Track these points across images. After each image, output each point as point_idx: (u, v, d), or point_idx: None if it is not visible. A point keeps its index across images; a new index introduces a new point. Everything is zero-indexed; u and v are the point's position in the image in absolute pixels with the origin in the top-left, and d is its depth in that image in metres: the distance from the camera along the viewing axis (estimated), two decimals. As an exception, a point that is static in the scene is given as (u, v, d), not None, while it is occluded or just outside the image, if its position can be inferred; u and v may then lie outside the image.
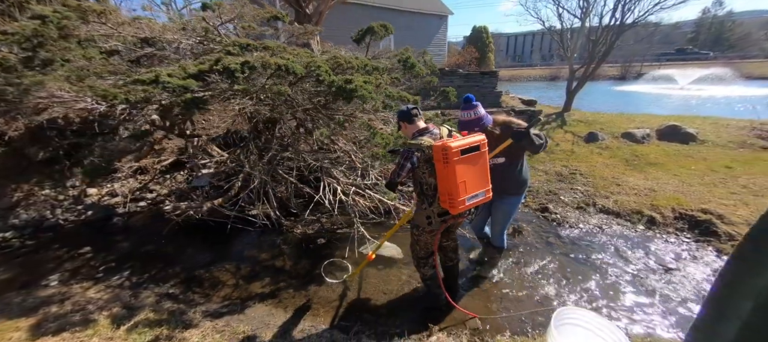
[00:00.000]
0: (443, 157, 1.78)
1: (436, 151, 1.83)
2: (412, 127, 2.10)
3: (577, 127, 7.73)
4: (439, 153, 1.80)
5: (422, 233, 2.13)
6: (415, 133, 2.07)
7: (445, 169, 1.80)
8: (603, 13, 8.94)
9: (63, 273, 3.02)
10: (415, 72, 3.30)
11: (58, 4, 2.70)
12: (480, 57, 13.07)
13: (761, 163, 5.00)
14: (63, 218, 4.05)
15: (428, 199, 2.01)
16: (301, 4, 7.63)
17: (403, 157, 1.94)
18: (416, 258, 2.29)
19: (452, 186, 1.79)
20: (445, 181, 1.84)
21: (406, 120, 2.11)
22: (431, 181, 1.95)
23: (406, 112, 2.11)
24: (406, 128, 2.13)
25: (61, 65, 2.81)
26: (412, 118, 2.09)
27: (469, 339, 2.03)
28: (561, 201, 4.07)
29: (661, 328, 2.22)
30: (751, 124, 7.30)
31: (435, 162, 1.86)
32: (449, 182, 1.80)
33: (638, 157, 5.47)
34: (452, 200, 1.82)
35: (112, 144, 4.09)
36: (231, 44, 2.80)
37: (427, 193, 2.01)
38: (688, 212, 3.56)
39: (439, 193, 1.93)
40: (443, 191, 1.88)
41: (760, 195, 3.88)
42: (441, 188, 1.89)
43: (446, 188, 1.84)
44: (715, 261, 2.95)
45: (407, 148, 1.95)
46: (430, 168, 1.92)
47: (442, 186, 1.87)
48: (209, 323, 2.25)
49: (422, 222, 2.09)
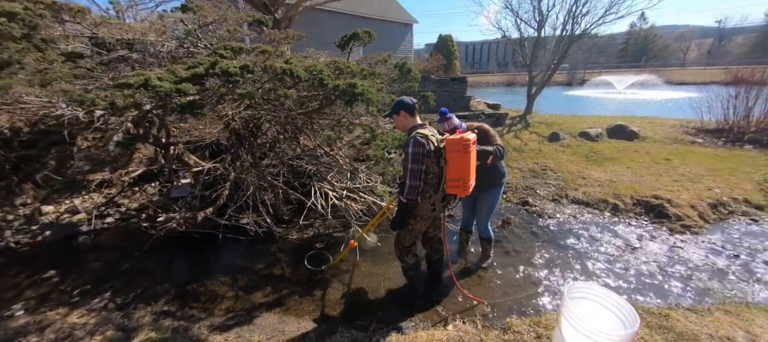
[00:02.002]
0: (464, 147, 1.97)
1: (455, 143, 2.00)
2: (412, 119, 2.13)
3: (539, 128, 8.41)
4: (458, 144, 1.98)
5: (418, 222, 2.21)
6: (417, 125, 2.11)
7: (463, 158, 1.99)
8: (556, 26, 9.81)
9: (27, 301, 2.68)
10: (411, 76, 3.43)
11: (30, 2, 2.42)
12: (446, 64, 13.67)
13: (693, 155, 5.84)
14: (14, 241, 3.57)
15: (433, 187, 2.10)
16: (270, 9, 7.49)
17: (417, 145, 1.95)
18: (401, 248, 2.35)
19: (467, 172, 2.03)
20: (460, 169, 2.02)
21: (408, 111, 2.12)
22: (436, 170, 2.07)
23: (410, 104, 2.11)
24: (406, 119, 2.14)
25: (20, 68, 2.53)
26: (414, 111, 2.13)
27: (483, 324, 2.17)
28: (538, 195, 4.44)
29: (640, 296, 2.55)
30: (679, 122, 8.48)
31: (450, 152, 2.03)
32: (464, 169, 2.02)
33: (596, 153, 6.11)
34: (466, 183, 2.05)
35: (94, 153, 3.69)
36: (222, 47, 2.71)
37: (432, 182, 2.09)
38: (644, 199, 4.08)
39: (447, 180, 2.09)
40: (456, 178, 2.04)
41: (696, 181, 4.55)
42: (453, 175, 2.05)
43: (460, 175, 2.04)
44: (669, 239, 3.42)
45: (417, 137, 1.97)
46: (435, 158, 2.05)
47: (455, 173, 2.04)
48: (219, 337, 2.15)
49: (426, 210, 2.16)
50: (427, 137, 2.00)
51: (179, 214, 2.99)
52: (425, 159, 1.97)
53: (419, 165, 1.97)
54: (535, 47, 10.45)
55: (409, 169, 1.98)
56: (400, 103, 2.14)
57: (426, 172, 2.02)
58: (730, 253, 3.12)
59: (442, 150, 2.09)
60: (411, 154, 1.97)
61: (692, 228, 3.55)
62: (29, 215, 3.87)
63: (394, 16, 19.30)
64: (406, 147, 2.01)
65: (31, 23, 2.30)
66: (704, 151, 6.16)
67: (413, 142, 1.97)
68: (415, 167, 1.97)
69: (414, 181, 1.98)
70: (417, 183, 1.99)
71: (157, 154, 4.74)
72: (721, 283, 2.71)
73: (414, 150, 1.96)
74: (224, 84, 2.38)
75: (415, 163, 1.97)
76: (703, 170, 4.99)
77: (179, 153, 4.24)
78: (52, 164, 4.25)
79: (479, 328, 2.11)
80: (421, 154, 1.96)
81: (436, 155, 2.05)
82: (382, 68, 3.62)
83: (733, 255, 3.09)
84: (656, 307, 2.35)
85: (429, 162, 2.02)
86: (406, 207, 2.06)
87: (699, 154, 5.91)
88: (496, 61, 54.18)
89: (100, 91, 2.52)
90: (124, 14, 4.67)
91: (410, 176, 1.98)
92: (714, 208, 3.91)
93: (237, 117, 2.68)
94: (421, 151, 1.96)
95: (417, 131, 2.04)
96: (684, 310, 2.32)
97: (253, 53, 2.78)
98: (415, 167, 1.97)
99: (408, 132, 2.13)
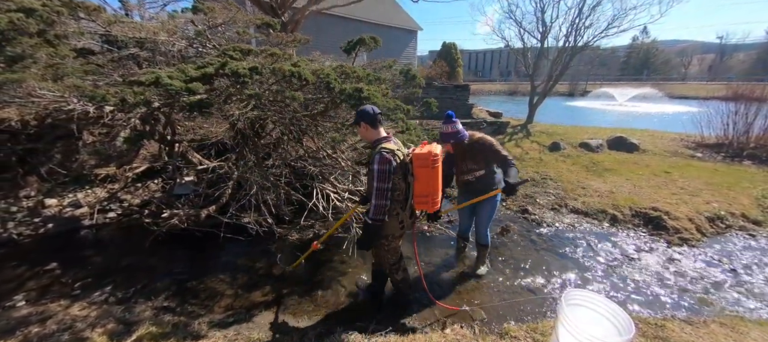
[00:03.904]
0: (432, 162, 1.85)
1: (422, 158, 1.87)
2: (375, 131, 1.98)
3: (540, 137, 8.46)
4: (425, 159, 1.85)
5: (392, 241, 2.12)
6: (380, 139, 1.97)
7: (431, 174, 1.88)
8: (559, 37, 9.93)
9: (29, 292, 2.70)
10: (416, 82, 3.48)
11: None
12: (450, 71, 13.79)
13: (692, 169, 5.88)
14: (17, 232, 3.60)
15: (400, 204, 1.99)
16: (278, 12, 7.60)
17: (383, 162, 1.82)
18: (388, 266, 2.27)
19: (435, 187, 1.94)
20: (427, 184, 1.91)
21: (370, 122, 1.95)
22: (403, 186, 1.96)
23: (371, 114, 1.94)
24: (368, 131, 1.99)
25: (33, 62, 2.58)
26: (377, 123, 1.97)
27: (480, 328, 2.19)
28: (537, 203, 4.47)
29: (636, 306, 2.57)
30: (679, 136, 8.54)
31: (418, 168, 1.89)
32: (432, 184, 1.92)
33: (596, 164, 6.15)
34: (434, 199, 1.95)
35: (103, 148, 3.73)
36: (231, 49, 2.77)
37: (399, 198, 1.98)
38: (642, 210, 4.11)
39: (414, 195, 1.96)
40: (424, 193, 1.92)
41: (695, 195, 4.59)
42: (421, 190, 1.93)
43: (428, 190, 1.92)
44: (666, 250, 3.44)
45: (383, 153, 1.84)
46: (402, 173, 1.93)
47: (423, 189, 1.92)
48: (219, 333, 2.17)
49: (395, 228, 2.06)
50: (393, 152, 1.87)
51: (182, 211, 3.02)
52: (392, 176, 1.85)
53: (385, 183, 1.84)
54: (537, 57, 10.56)
55: (375, 188, 1.84)
56: (361, 114, 1.98)
57: (392, 189, 1.91)
58: (727, 267, 3.14)
59: (409, 164, 1.96)
60: (376, 172, 1.82)
61: (690, 241, 3.57)
62: (32, 207, 3.91)
63: (399, 23, 19.51)
64: (371, 163, 1.87)
65: (48, 20, 2.36)
66: (703, 166, 6.20)
67: (378, 159, 1.83)
68: (380, 185, 1.84)
69: (380, 200, 1.85)
70: (383, 202, 1.86)
71: (161, 151, 4.80)
72: (717, 296, 2.73)
73: (379, 167, 1.82)
74: (233, 84, 2.43)
75: (380, 181, 1.83)
76: (701, 184, 5.03)
77: (183, 151, 4.29)
78: (58, 158, 4.30)
79: (476, 333, 2.13)
80: (388, 171, 1.83)
81: (402, 170, 1.93)
82: (387, 74, 3.67)
83: (729, 269, 3.12)
84: (652, 317, 2.38)
85: (395, 178, 1.90)
86: (372, 228, 1.93)
87: (698, 168, 5.95)
88: (499, 69, 54.54)
89: (110, 87, 2.57)
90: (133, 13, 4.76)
91: (376, 195, 1.85)
92: (712, 221, 3.94)
93: (243, 117, 2.73)
94: (387, 169, 1.82)
95: (382, 146, 1.89)
96: (680, 321, 2.35)
97: (261, 55, 2.83)
98: (380, 185, 1.84)
99: (372, 146, 1.98)
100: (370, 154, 1.96)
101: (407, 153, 2.00)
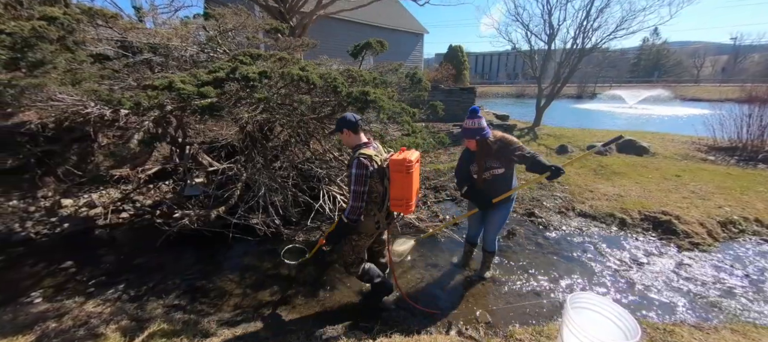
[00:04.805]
0: (406, 168, 1.96)
1: (396, 164, 1.99)
2: (356, 137, 2.09)
3: (547, 140, 8.40)
4: (400, 164, 1.97)
5: (362, 238, 2.21)
6: (360, 144, 2.08)
7: (405, 179, 1.99)
8: (567, 39, 9.85)
9: (46, 289, 2.80)
10: (422, 86, 3.52)
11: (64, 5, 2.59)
12: (456, 74, 13.79)
13: (704, 173, 5.77)
14: (34, 231, 3.73)
15: (377, 205, 2.11)
16: (286, 17, 7.73)
17: (360, 167, 1.94)
18: (346, 263, 2.33)
19: (409, 191, 2.04)
20: (402, 188, 2.02)
21: (352, 129, 2.06)
22: (380, 189, 2.07)
23: (352, 121, 2.05)
24: (350, 137, 2.09)
25: (53, 68, 2.69)
26: (358, 129, 2.08)
27: (485, 331, 2.20)
28: (544, 206, 4.44)
29: (644, 311, 2.54)
30: (691, 139, 8.38)
31: (393, 173, 2.02)
32: (406, 189, 2.03)
33: (604, 168, 6.07)
34: (408, 202, 2.06)
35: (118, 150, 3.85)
36: (241, 53, 2.84)
37: (377, 200, 2.09)
38: (652, 214, 4.05)
39: (390, 199, 2.09)
40: (399, 197, 2.04)
41: (706, 199, 4.50)
42: (396, 194, 2.05)
43: (402, 194, 2.04)
44: (677, 255, 3.39)
45: (361, 158, 1.95)
46: (379, 177, 2.04)
47: (398, 192, 2.03)
48: (228, 331, 2.22)
49: (370, 228, 2.17)
50: (370, 157, 1.99)
51: (193, 212, 3.09)
52: (368, 180, 1.97)
53: (362, 187, 1.96)
54: (545, 60, 10.49)
55: (353, 191, 1.97)
56: (342, 121, 2.08)
57: (370, 191, 2.03)
58: (740, 273, 3.08)
59: (387, 169, 2.07)
60: (354, 176, 1.96)
61: (701, 245, 3.51)
62: (50, 207, 4.04)
63: (406, 26, 19.59)
64: (350, 167, 2.00)
65: (68, 27, 2.46)
66: (716, 169, 6.08)
67: (357, 164, 1.95)
68: (357, 189, 1.96)
69: (356, 202, 1.98)
70: (359, 204, 1.99)
71: (172, 153, 4.91)
72: (729, 302, 2.68)
73: (357, 171, 1.95)
74: (243, 88, 2.49)
75: (358, 185, 1.95)
76: (713, 188, 4.93)
77: (194, 153, 4.39)
78: (74, 159, 4.44)
79: (482, 335, 2.14)
80: (365, 175, 1.95)
81: (379, 175, 2.04)
82: (393, 77, 3.71)
83: (742, 274, 3.06)
84: (661, 323, 2.35)
85: (372, 182, 2.02)
86: (346, 227, 2.06)
87: (710, 172, 5.84)
88: (506, 72, 54.24)
89: (125, 91, 2.66)
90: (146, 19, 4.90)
91: (353, 197, 1.98)
92: (724, 226, 3.86)
93: (252, 120, 2.79)
94: (364, 173, 1.94)
95: (361, 151, 2.01)
96: (689, 327, 2.31)
97: (270, 59, 2.90)
98: (357, 189, 1.96)
99: (352, 151, 2.10)
100: (350, 159, 2.09)
101: (385, 158, 2.12)
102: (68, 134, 4.31)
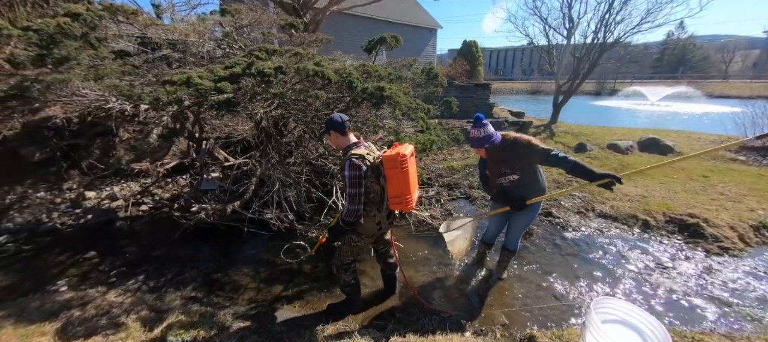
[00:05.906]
0: (400, 163, 1.89)
1: (390, 160, 1.92)
2: (345, 138, 2.03)
3: (565, 138, 8.16)
4: (394, 160, 1.91)
5: (363, 239, 2.15)
6: (351, 145, 2.02)
7: (401, 174, 1.91)
8: (587, 33, 9.50)
9: (71, 278, 2.91)
10: (438, 81, 3.45)
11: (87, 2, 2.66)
12: (470, 69, 13.55)
13: (733, 173, 5.48)
14: (60, 222, 3.88)
15: (376, 205, 2.04)
16: (300, 13, 7.75)
17: (353, 168, 1.88)
18: (339, 265, 2.25)
19: (406, 187, 1.96)
20: (399, 184, 1.95)
21: (339, 131, 2.00)
22: (377, 188, 2.01)
23: (340, 123, 1.99)
24: (338, 139, 2.04)
25: (77, 64, 2.77)
26: (346, 130, 2.02)
27: (501, 333, 2.14)
28: (562, 206, 4.31)
29: (669, 318, 2.43)
30: (719, 138, 7.98)
31: (388, 169, 1.95)
32: (403, 185, 1.95)
33: (625, 167, 5.85)
34: (407, 199, 1.98)
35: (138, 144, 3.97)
36: (257, 49, 2.85)
37: (375, 200, 2.03)
38: (678, 216, 3.87)
39: (388, 197, 2.02)
40: (397, 194, 1.97)
41: (736, 201, 4.27)
42: (394, 191, 1.98)
43: (400, 191, 1.96)
44: (705, 260, 3.23)
45: (353, 159, 1.89)
46: (375, 176, 1.98)
47: (396, 190, 1.96)
48: (243, 324, 2.24)
49: (372, 229, 2.12)
50: (362, 157, 1.92)
51: (210, 206, 3.14)
52: (363, 181, 1.91)
53: (357, 188, 1.90)
54: (563, 55, 10.17)
55: (348, 194, 1.92)
56: (330, 123, 2.03)
57: (367, 191, 1.98)
58: (775, 280, 2.91)
59: (381, 167, 2.00)
60: (348, 178, 1.89)
61: (731, 250, 3.33)
62: (74, 199, 4.19)
63: (419, 21, 19.38)
64: (343, 170, 1.94)
65: (91, 24, 2.52)
66: (746, 170, 5.76)
67: (349, 165, 1.89)
68: (353, 191, 1.90)
69: (352, 205, 1.93)
70: (356, 207, 1.93)
71: (189, 148, 5.01)
72: (763, 312, 2.53)
73: (350, 173, 1.88)
74: (258, 84, 2.49)
75: (352, 187, 1.90)
76: (744, 190, 4.68)
77: (210, 148, 4.46)
78: (97, 153, 4.59)
79: (498, 338, 2.08)
80: (358, 176, 1.89)
81: (374, 173, 1.98)
82: (408, 73, 3.65)
83: (777, 282, 2.88)
84: (689, 331, 2.23)
85: (368, 181, 1.96)
86: (342, 230, 2.02)
87: (740, 173, 5.54)
88: (521, 68, 53.06)
89: (145, 86, 2.71)
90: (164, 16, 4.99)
91: (349, 200, 1.93)
92: (757, 230, 3.65)
93: (267, 115, 2.80)
94: (357, 174, 1.88)
95: (352, 152, 1.94)
96: (720, 336, 2.19)
97: (285, 55, 2.89)
98: (353, 191, 1.90)
99: (343, 152, 2.05)
100: (341, 161, 2.03)
101: (378, 156, 2.05)
102: (91, 129, 4.45)
